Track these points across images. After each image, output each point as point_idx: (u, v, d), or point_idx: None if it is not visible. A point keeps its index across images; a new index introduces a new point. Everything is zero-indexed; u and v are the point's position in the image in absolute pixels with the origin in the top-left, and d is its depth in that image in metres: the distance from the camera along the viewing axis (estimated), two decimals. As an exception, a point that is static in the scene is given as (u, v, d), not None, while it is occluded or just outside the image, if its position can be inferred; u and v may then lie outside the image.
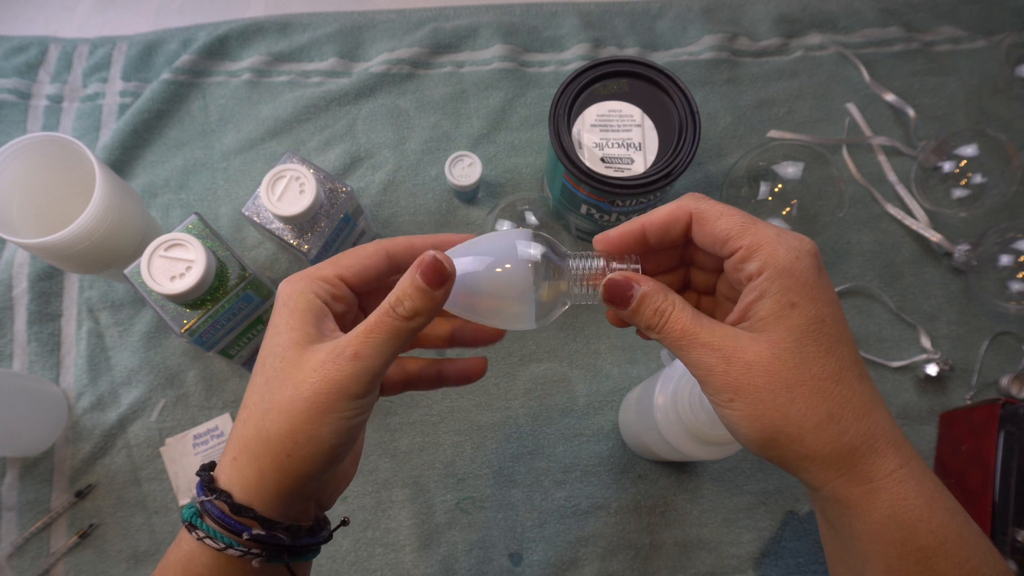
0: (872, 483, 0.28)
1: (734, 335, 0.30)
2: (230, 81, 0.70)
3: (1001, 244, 0.60)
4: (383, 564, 0.57)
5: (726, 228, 0.30)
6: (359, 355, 0.30)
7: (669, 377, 0.47)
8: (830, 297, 0.30)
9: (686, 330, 0.30)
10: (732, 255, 0.30)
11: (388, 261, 0.34)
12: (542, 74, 0.71)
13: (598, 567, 0.57)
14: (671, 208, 0.32)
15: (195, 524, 0.31)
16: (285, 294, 0.33)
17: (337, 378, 0.29)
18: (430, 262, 0.30)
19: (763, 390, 0.28)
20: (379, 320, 0.30)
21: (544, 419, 0.61)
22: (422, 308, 0.30)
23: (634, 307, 0.31)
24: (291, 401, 0.30)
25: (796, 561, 0.58)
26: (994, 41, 0.71)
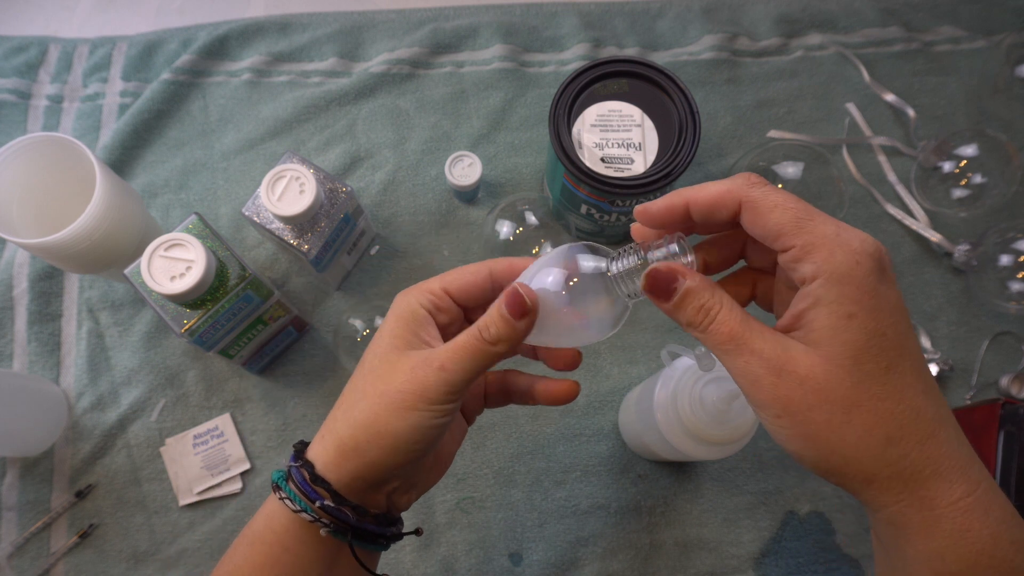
0: (934, 511, 0.26)
1: (786, 345, 0.27)
2: (230, 81, 0.70)
3: (1001, 244, 0.60)
4: (383, 564, 0.57)
5: (780, 222, 0.27)
6: (444, 367, 0.32)
7: (669, 377, 0.47)
8: (893, 305, 0.27)
9: (734, 334, 0.28)
10: (785, 252, 0.28)
11: (490, 279, 0.36)
12: (542, 74, 0.71)
13: (598, 567, 0.57)
14: (719, 190, 0.29)
15: (280, 486, 0.34)
16: (398, 305, 0.36)
17: (422, 382, 0.32)
18: (512, 294, 0.31)
19: (816, 409, 0.26)
20: (467, 340, 0.33)
21: (544, 419, 0.61)
22: (505, 336, 0.32)
23: (677, 301, 0.29)
24: (380, 394, 0.33)
25: (796, 561, 0.58)
26: (994, 41, 0.71)
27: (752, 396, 0.28)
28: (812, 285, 0.27)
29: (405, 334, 0.34)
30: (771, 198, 0.28)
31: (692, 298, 0.29)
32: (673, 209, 0.30)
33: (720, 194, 0.29)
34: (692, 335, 0.30)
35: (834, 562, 0.58)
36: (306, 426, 0.60)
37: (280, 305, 0.55)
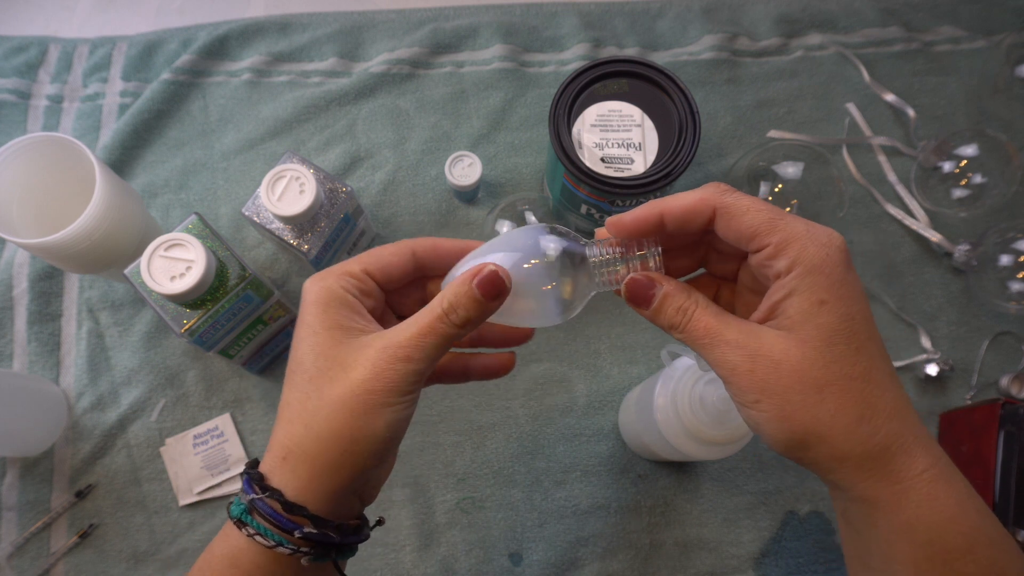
0: (902, 483, 0.28)
1: (760, 333, 0.29)
2: (230, 81, 0.70)
3: (1001, 244, 0.60)
4: (383, 564, 0.57)
5: (753, 224, 0.29)
6: (410, 356, 0.30)
7: (669, 377, 0.47)
8: (859, 294, 0.29)
9: (709, 328, 0.29)
10: (759, 251, 0.29)
11: (413, 260, 0.35)
12: (542, 74, 0.71)
13: (598, 567, 0.57)
14: (693, 199, 0.30)
15: (244, 521, 0.31)
16: (315, 291, 0.33)
17: (390, 376, 0.30)
18: (490, 275, 0.30)
19: (791, 390, 0.28)
20: (432, 324, 0.31)
21: (544, 419, 0.61)
22: (475, 318, 0.31)
23: (656, 307, 0.31)
24: (343, 399, 0.30)
25: (796, 561, 0.58)
26: (994, 41, 0.71)
27: (731, 384, 0.29)
28: (787, 277, 0.28)
29: (341, 323, 0.32)
30: (743, 202, 0.30)
31: (670, 301, 0.30)
32: (647, 220, 0.31)
33: (694, 203, 0.30)
34: (674, 336, 0.31)
35: (834, 562, 0.58)
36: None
37: (280, 305, 0.55)
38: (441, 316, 0.31)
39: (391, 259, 0.34)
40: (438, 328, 0.31)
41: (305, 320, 0.32)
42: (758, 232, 0.29)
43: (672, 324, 0.31)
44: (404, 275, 0.35)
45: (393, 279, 0.35)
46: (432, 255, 0.35)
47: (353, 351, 0.31)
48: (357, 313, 0.33)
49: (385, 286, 0.35)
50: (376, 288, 0.34)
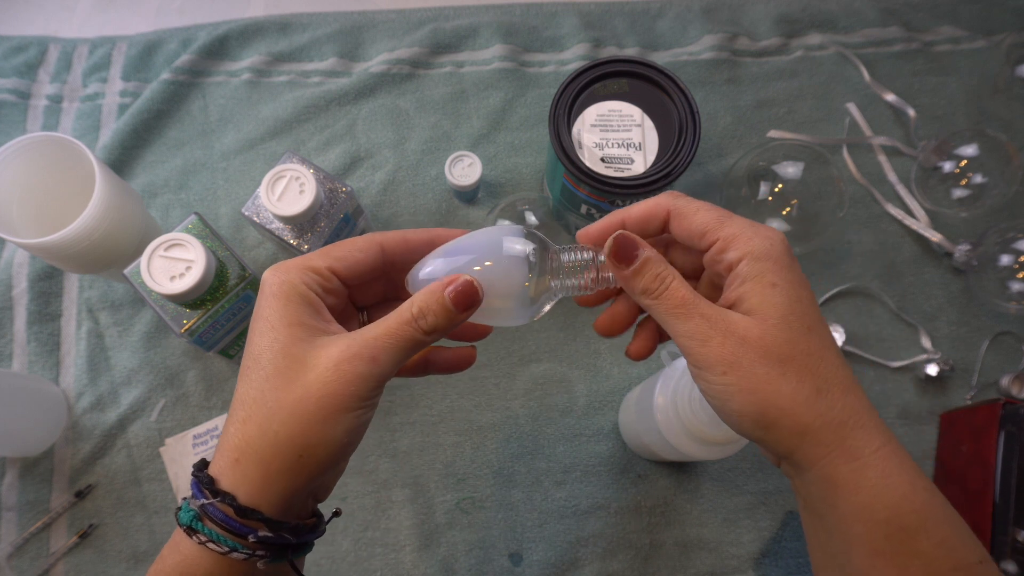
0: (860, 460, 0.29)
1: (726, 313, 0.31)
2: (230, 81, 0.70)
3: (1001, 244, 0.60)
4: (383, 564, 0.57)
5: (703, 223, 0.32)
6: (376, 359, 0.29)
7: (669, 377, 0.47)
8: (804, 280, 0.31)
9: (685, 299, 0.31)
10: (710, 247, 0.32)
11: (381, 256, 0.34)
12: (542, 74, 0.71)
13: (598, 567, 0.57)
14: (650, 204, 0.33)
15: (195, 528, 0.30)
16: (275, 284, 0.31)
17: (352, 379, 0.29)
18: (464, 287, 0.30)
19: (756, 363, 0.29)
20: (400, 329, 0.30)
21: (544, 419, 0.61)
22: (443, 327, 0.30)
23: (637, 267, 0.31)
24: (301, 401, 0.29)
25: (796, 561, 0.58)
26: (994, 41, 0.71)
27: (699, 356, 0.30)
28: (739, 266, 0.31)
29: (302, 320, 0.30)
30: (693, 204, 0.33)
31: (650, 266, 0.31)
32: (612, 227, 0.34)
33: (650, 207, 0.33)
34: (642, 302, 0.32)
35: (834, 562, 0.58)
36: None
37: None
38: (409, 321, 0.30)
39: (358, 256, 0.33)
40: (405, 333, 0.30)
41: (263, 314, 0.31)
42: (708, 229, 0.32)
43: (647, 289, 0.31)
44: (370, 271, 0.34)
45: (358, 276, 0.33)
46: (402, 249, 0.34)
47: (314, 350, 0.30)
48: (318, 311, 0.32)
49: (350, 283, 0.34)
50: (340, 286, 0.33)
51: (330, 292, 0.33)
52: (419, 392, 0.61)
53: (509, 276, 0.31)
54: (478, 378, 0.62)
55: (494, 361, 0.62)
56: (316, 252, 0.33)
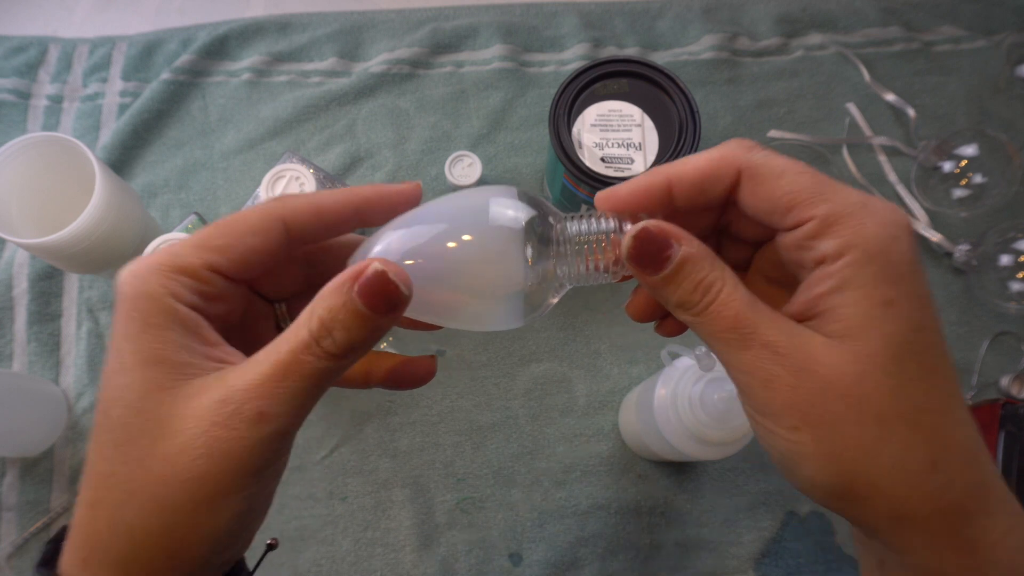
0: (978, 554, 0.21)
1: (804, 337, 0.22)
2: (230, 81, 0.70)
3: (1001, 244, 0.60)
4: (383, 564, 0.57)
5: (792, 190, 0.22)
6: (266, 416, 0.20)
7: (669, 377, 0.47)
8: (929, 296, 0.22)
9: (740, 319, 0.22)
10: (796, 227, 0.22)
11: (286, 235, 0.24)
12: (542, 74, 0.71)
13: (598, 567, 0.57)
14: (711, 159, 0.23)
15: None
16: (129, 296, 0.23)
17: (233, 450, 0.20)
18: (375, 278, 0.20)
19: (844, 421, 0.21)
20: (294, 360, 0.21)
21: (544, 419, 0.61)
22: (360, 340, 0.21)
23: (669, 273, 0.22)
24: (163, 484, 0.20)
25: (796, 561, 0.58)
26: (995, 41, 0.71)
27: (760, 401, 0.22)
28: (837, 263, 0.21)
29: (164, 354, 0.21)
30: (778, 162, 0.23)
31: (690, 270, 0.22)
32: (650, 191, 0.24)
33: (713, 163, 0.23)
34: (682, 318, 0.23)
35: (834, 562, 0.58)
36: (305, 427, 0.60)
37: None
38: (308, 344, 0.21)
39: (250, 242, 0.24)
40: (304, 364, 0.21)
41: (114, 343, 0.22)
42: (798, 201, 0.22)
43: (685, 303, 0.23)
44: (271, 258, 0.24)
45: (253, 268, 0.24)
46: (315, 224, 0.25)
47: (178, 405, 0.21)
48: (192, 333, 0.22)
49: (244, 276, 0.24)
50: (230, 287, 0.24)
51: (214, 298, 0.23)
52: (419, 392, 0.61)
53: (497, 258, 0.23)
54: (478, 378, 0.62)
55: (494, 361, 0.62)
56: (188, 241, 0.24)
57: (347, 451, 0.59)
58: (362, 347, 0.22)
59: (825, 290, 0.22)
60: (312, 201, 0.24)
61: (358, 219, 0.25)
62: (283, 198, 0.25)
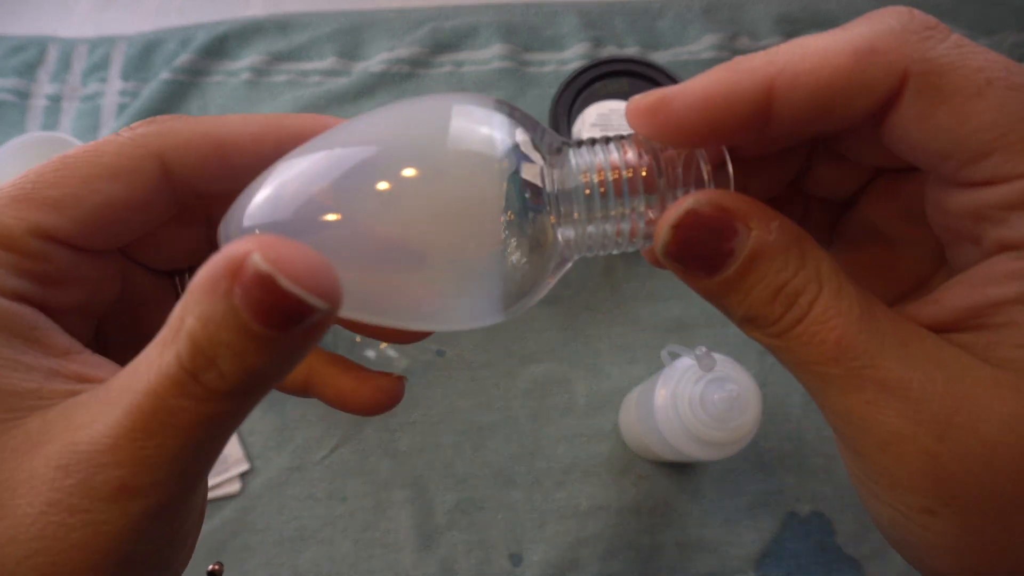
0: None
1: (957, 369, 0.14)
2: (229, 81, 0.70)
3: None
4: (383, 564, 0.57)
5: (997, 122, 0.14)
6: (130, 488, 0.13)
7: (669, 377, 0.47)
8: None
9: (846, 345, 0.14)
10: (988, 184, 0.14)
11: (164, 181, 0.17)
12: (542, 74, 0.71)
13: (599, 568, 0.57)
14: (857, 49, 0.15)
15: None
16: None
17: (85, 540, 0.13)
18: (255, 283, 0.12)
19: (1015, 506, 0.14)
20: (161, 406, 0.13)
21: (544, 419, 0.61)
22: (264, 369, 0.13)
23: (732, 275, 0.15)
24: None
25: (797, 562, 0.58)
26: (995, 40, 0.71)
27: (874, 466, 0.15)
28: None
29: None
30: (976, 66, 0.14)
31: (765, 269, 0.14)
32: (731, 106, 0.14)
33: (856, 62, 0.14)
34: (754, 337, 0.16)
35: (835, 563, 0.58)
36: (305, 427, 0.60)
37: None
38: (179, 381, 0.13)
39: (106, 189, 0.16)
40: (179, 411, 0.13)
41: None
42: (1007, 140, 0.14)
43: (758, 317, 0.15)
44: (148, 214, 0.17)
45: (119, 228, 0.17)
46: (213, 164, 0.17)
47: (6, 461, 0.14)
48: (22, 340, 0.15)
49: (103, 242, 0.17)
50: (79, 259, 0.16)
51: (56, 281, 0.16)
52: (419, 392, 0.61)
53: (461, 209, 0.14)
54: (478, 378, 0.62)
55: (494, 361, 0.62)
56: (6, 189, 0.16)
57: (347, 451, 0.59)
58: (272, 376, 0.14)
59: (1012, 295, 0.14)
60: (209, 131, 0.17)
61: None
62: (162, 123, 0.17)
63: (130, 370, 0.14)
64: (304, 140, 0.16)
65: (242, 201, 0.16)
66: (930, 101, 0.14)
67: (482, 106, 0.15)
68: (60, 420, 0.14)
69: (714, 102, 0.15)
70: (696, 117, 0.15)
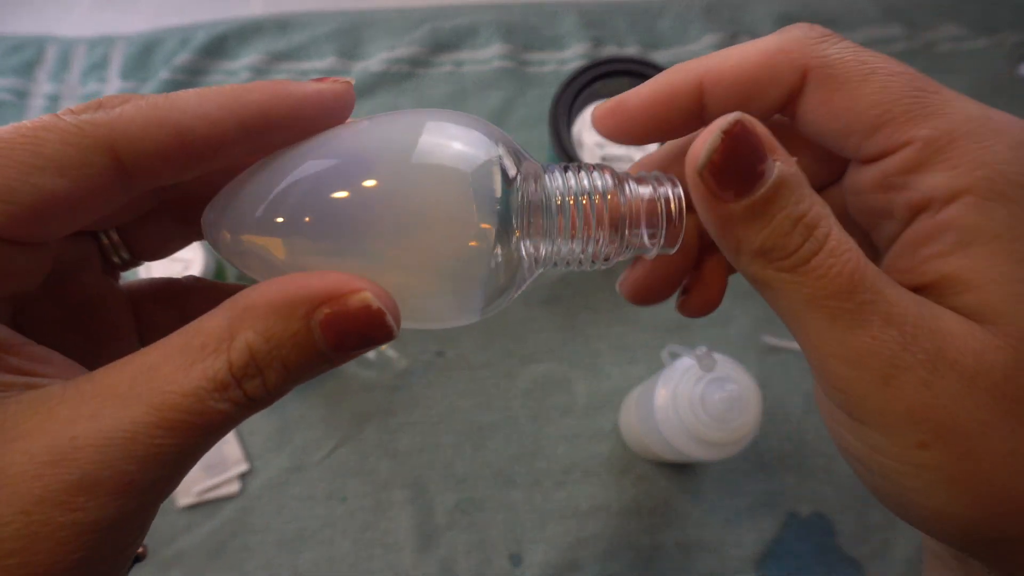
0: None
1: (935, 311, 0.15)
2: (228, 80, 0.69)
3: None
4: (382, 565, 0.57)
5: (883, 100, 0.16)
6: (136, 485, 0.13)
7: (670, 377, 0.47)
8: None
9: (859, 278, 0.15)
10: (884, 156, 0.16)
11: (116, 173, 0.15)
12: (542, 73, 0.71)
13: (599, 568, 0.57)
14: (766, 50, 0.17)
15: None
16: None
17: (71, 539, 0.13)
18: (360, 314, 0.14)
19: (996, 432, 0.15)
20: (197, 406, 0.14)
21: (544, 419, 0.61)
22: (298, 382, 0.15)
23: (760, 197, 0.15)
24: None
25: (798, 562, 0.58)
26: (997, 39, 0.71)
27: (870, 403, 0.15)
28: (952, 209, 0.15)
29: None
30: (862, 58, 0.16)
31: (787, 197, 0.15)
32: (672, 100, 0.18)
33: (768, 59, 0.17)
34: (761, 274, 0.16)
35: (836, 563, 0.58)
36: (305, 427, 0.60)
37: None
38: (224, 383, 0.14)
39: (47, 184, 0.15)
40: (211, 412, 0.14)
41: None
42: (891, 116, 0.16)
43: (777, 247, 0.15)
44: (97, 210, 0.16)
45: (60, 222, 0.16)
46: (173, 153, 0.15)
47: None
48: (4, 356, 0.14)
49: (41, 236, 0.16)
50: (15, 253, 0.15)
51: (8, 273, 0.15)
52: (419, 392, 0.61)
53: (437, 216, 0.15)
54: (478, 378, 0.61)
55: (494, 361, 0.62)
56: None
57: (347, 452, 0.59)
58: (292, 389, 0.15)
59: (939, 249, 0.15)
60: (167, 116, 0.15)
61: (249, 140, 0.16)
62: (110, 107, 0.15)
63: (142, 368, 0.14)
64: (268, 115, 0.16)
65: (239, 192, 0.16)
66: (827, 88, 0.17)
67: (466, 122, 0.17)
68: (32, 414, 0.13)
69: (658, 98, 0.18)
70: (646, 112, 0.18)
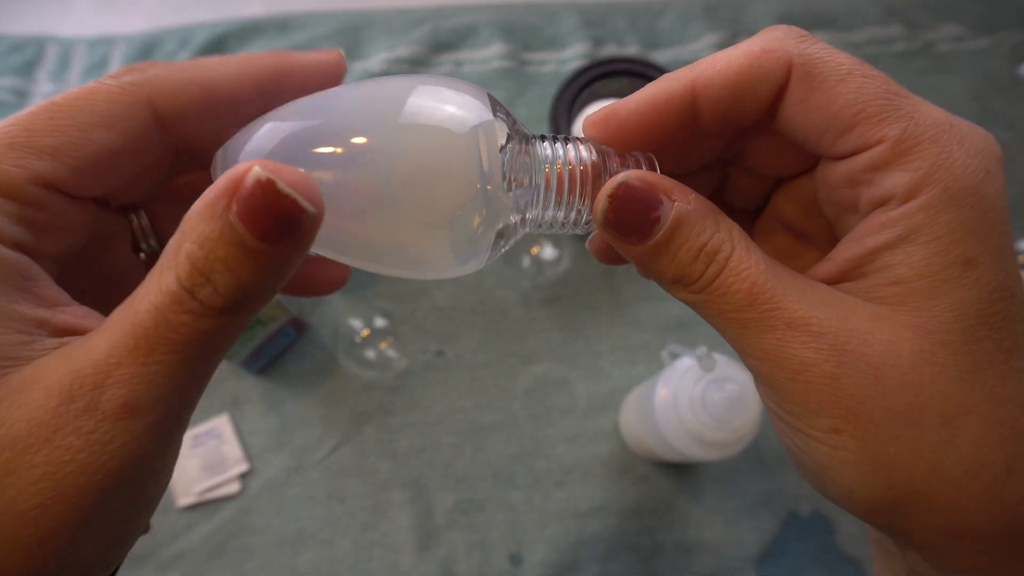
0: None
1: (846, 308, 0.17)
2: (229, 80, 0.69)
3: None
4: (382, 565, 0.57)
5: (858, 100, 0.17)
6: (132, 406, 0.14)
7: (670, 377, 0.47)
8: (1012, 250, 0.17)
9: (758, 291, 0.17)
10: (856, 154, 0.17)
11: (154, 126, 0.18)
12: (542, 73, 0.71)
13: (599, 569, 0.57)
14: (751, 52, 0.18)
15: None
16: None
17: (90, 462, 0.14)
18: (256, 191, 0.14)
19: (901, 418, 0.16)
20: (161, 322, 0.14)
21: (544, 420, 0.61)
22: (255, 284, 0.15)
23: (661, 238, 0.17)
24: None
25: (798, 562, 0.57)
26: (997, 39, 0.71)
27: (787, 397, 0.17)
28: (906, 207, 0.16)
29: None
30: (839, 59, 0.17)
31: (687, 232, 0.17)
32: (666, 107, 0.18)
33: (754, 60, 0.18)
34: (683, 298, 0.18)
35: (836, 563, 0.58)
36: (304, 427, 0.60)
37: (278, 305, 0.55)
38: (178, 297, 0.14)
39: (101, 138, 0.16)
40: (177, 326, 0.14)
41: None
42: (864, 116, 0.17)
43: (685, 276, 0.18)
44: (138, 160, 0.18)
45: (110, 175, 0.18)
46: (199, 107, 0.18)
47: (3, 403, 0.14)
48: (18, 291, 0.15)
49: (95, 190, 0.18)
50: (71, 207, 0.17)
51: (49, 228, 0.16)
52: (419, 392, 0.61)
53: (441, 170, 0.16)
54: (478, 378, 0.61)
55: (494, 361, 0.62)
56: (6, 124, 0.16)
57: (346, 452, 0.59)
58: (261, 293, 0.15)
59: (883, 242, 0.17)
60: (195, 75, 0.17)
61: (262, 99, 0.19)
62: (144, 70, 0.17)
63: (127, 301, 0.15)
64: (281, 78, 0.19)
65: (239, 140, 0.17)
66: (807, 85, 0.17)
67: (457, 89, 0.18)
68: (56, 360, 0.15)
69: (651, 105, 0.19)
70: (638, 119, 0.19)
